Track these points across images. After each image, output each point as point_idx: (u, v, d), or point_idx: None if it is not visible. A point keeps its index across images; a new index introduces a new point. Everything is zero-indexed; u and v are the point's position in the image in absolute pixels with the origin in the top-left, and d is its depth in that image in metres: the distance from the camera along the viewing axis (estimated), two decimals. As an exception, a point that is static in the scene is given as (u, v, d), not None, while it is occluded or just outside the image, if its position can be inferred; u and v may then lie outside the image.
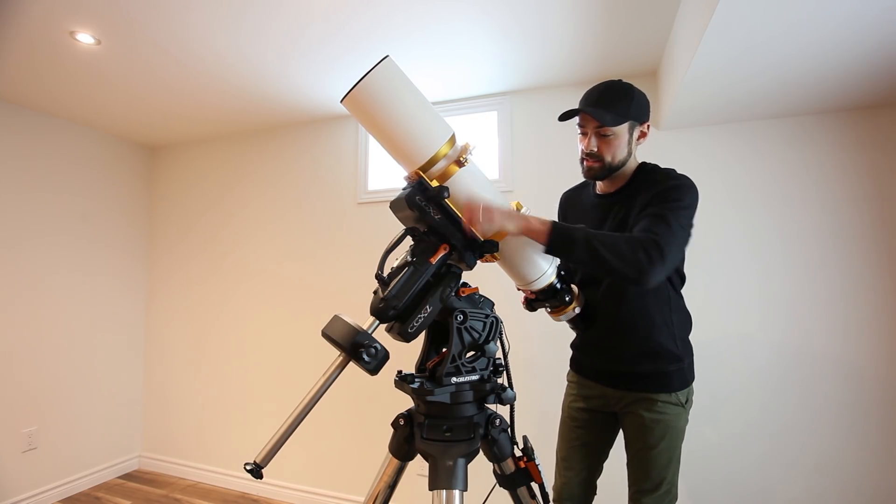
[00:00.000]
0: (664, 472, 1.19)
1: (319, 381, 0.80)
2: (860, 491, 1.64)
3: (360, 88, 0.85)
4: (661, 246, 0.96)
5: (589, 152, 1.17)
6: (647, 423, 1.17)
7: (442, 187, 0.90)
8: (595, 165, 1.18)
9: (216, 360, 2.72)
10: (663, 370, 1.18)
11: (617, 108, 1.13)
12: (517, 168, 2.14)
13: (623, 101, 1.14)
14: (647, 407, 1.17)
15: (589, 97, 1.18)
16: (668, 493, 1.22)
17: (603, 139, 1.15)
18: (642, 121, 1.18)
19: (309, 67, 1.94)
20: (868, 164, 1.70)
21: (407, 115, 0.89)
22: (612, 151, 1.15)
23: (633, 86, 1.17)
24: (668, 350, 1.18)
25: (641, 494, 1.23)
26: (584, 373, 1.33)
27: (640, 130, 1.19)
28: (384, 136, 0.91)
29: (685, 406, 1.20)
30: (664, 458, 1.18)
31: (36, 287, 2.39)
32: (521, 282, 1.13)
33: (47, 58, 1.87)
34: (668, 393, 1.17)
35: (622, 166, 1.18)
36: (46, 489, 2.38)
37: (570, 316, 1.21)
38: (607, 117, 1.11)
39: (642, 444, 1.20)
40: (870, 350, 1.66)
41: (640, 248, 0.96)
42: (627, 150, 1.17)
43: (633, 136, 1.17)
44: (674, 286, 1.22)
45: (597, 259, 0.95)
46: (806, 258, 1.74)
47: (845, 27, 1.21)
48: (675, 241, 1.01)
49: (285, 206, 2.61)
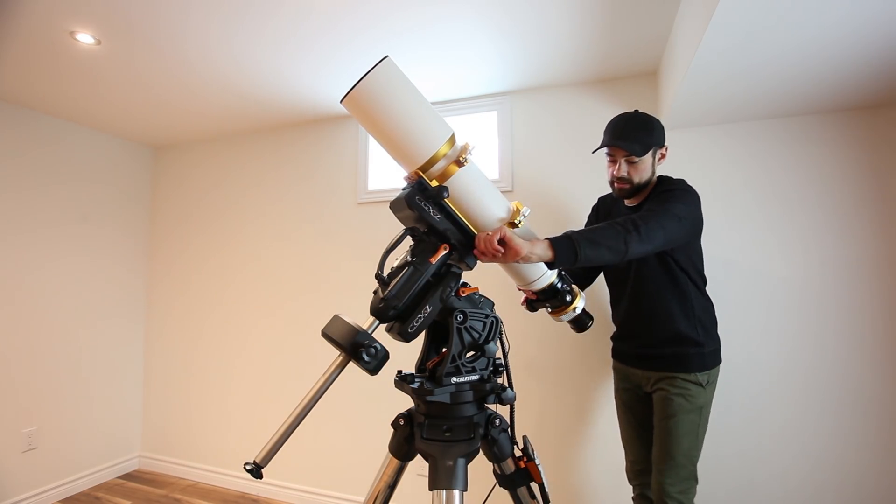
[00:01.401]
0: (681, 443, 1.33)
1: (319, 381, 0.80)
2: (859, 486, 1.64)
3: (359, 89, 0.85)
4: (637, 223, 1.10)
5: (620, 177, 1.36)
6: (668, 395, 1.35)
7: (441, 187, 0.90)
8: (625, 187, 1.38)
9: (216, 360, 2.72)
10: (683, 353, 1.37)
11: (642, 139, 1.33)
12: (517, 168, 2.14)
13: (646, 131, 1.34)
14: (669, 383, 1.36)
15: (615, 130, 1.36)
16: (685, 467, 1.33)
17: (631, 165, 1.35)
18: (661, 144, 1.39)
19: (308, 67, 1.94)
20: (868, 164, 1.70)
21: (406, 116, 0.90)
22: (640, 174, 1.36)
23: (650, 116, 1.38)
24: (688, 336, 1.36)
25: (659, 463, 1.36)
26: (622, 358, 1.55)
27: (660, 153, 1.40)
28: (384, 137, 0.92)
29: (705, 387, 1.36)
30: (681, 429, 1.33)
31: (36, 287, 2.39)
32: (522, 282, 1.17)
33: (47, 58, 1.87)
34: (688, 373, 1.35)
35: (647, 184, 1.39)
36: (46, 489, 2.38)
37: (570, 316, 1.26)
38: (636, 148, 1.32)
39: (662, 415, 1.37)
40: (870, 350, 1.66)
41: (624, 229, 1.09)
42: (651, 171, 1.38)
43: (654, 159, 1.38)
44: (695, 283, 1.41)
45: (600, 254, 1.06)
46: (806, 258, 1.74)
47: (846, 27, 1.21)
48: (653, 220, 1.13)
49: (285, 206, 2.61)
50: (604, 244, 1.04)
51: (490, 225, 0.98)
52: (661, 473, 1.34)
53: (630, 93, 1.97)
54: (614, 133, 1.36)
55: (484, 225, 0.98)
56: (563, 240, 1.02)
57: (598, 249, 1.03)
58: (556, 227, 2.02)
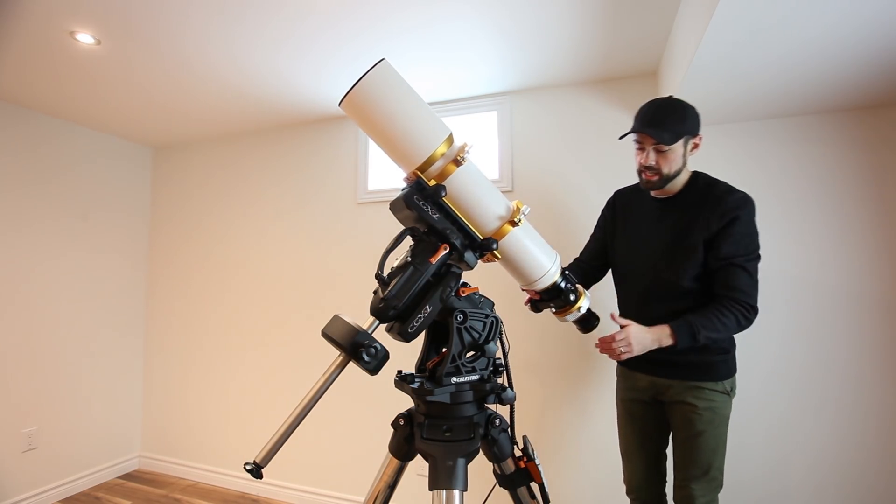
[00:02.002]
0: (711, 458, 1.27)
1: (319, 381, 0.80)
2: (857, 485, 1.64)
3: (355, 92, 0.86)
4: (751, 305, 1.21)
5: (648, 166, 1.28)
6: (696, 410, 1.27)
7: (439, 185, 0.90)
8: (653, 178, 1.29)
9: (216, 360, 2.72)
10: (710, 360, 1.29)
11: (673, 126, 1.24)
12: (517, 168, 2.14)
13: (677, 118, 1.25)
14: (694, 395, 1.27)
15: (645, 116, 1.27)
16: (715, 479, 1.29)
17: (660, 154, 1.26)
18: (695, 133, 1.29)
19: (308, 68, 1.94)
20: (868, 164, 1.70)
21: (403, 117, 0.90)
22: (669, 164, 1.27)
23: (684, 101, 1.28)
24: (716, 341, 1.26)
25: (689, 480, 1.29)
26: (633, 365, 1.41)
27: (693, 142, 1.30)
28: (382, 138, 0.92)
29: (730, 394, 1.30)
30: (711, 444, 1.26)
31: (36, 287, 2.39)
32: (524, 281, 1.11)
33: (47, 58, 1.87)
34: (715, 381, 1.27)
35: (677, 175, 1.30)
36: (46, 489, 2.38)
37: (575, 316, 1.19)
38: (665, 136, 1.22)
39: (690, 431, 1.28)
40: (869, 350, 1.66)
41: (741, 315, 1.20)
42: (682, 162, 1.29)
43: (686, 149, 1.29)
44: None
45: (717, 336, 1.20)
46: (806, 259, 1.74)
47: (846, 27, 1.21)
48: (755, 288, 1.22)
49: (285, 207, 2.61)
50: (722, 330, 1.19)
51: (489, 223, 0.97)
52: (689, 481, 1.28)
53: (630, 93, 1.97)
54: (643, 119, 1.27)
55: (483, 223, 0.97)
56: (684, 325, 1.18)
57: (717, 333, 1.19)
58: (556, 226, 2.02)
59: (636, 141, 1.29)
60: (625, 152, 1.96)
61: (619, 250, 1.47)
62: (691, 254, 1.26)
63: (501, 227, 0.98)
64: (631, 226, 1.45)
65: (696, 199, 1.30)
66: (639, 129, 1.25)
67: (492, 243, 0.96)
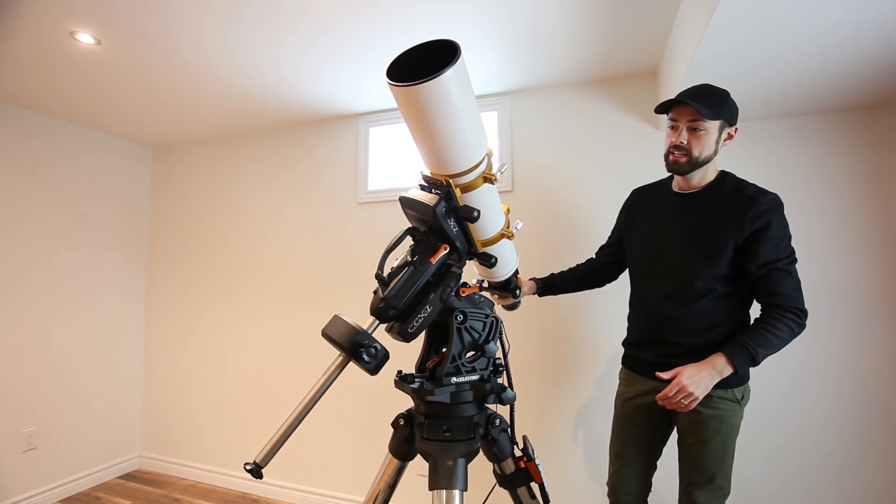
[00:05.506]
0: (718, 466, 1.22)
1: (319, 381, 0.80)
2: (857, 484, 1.64)
3: (434, 84, 0.72)
4: (800, 309, 1.16)
5: (678, 144, 1.22)
6: (704, 417, 1.21)
7: (470, 209, 0.88)
8: (682, 159, 1.23)
9: (216, 359, 2.72)
10: None
11: (713, 105, 1.18)
12: (517, 168, 2.14)
13: (717, 100, 1.20)
14: (703, 402, 1.18)
15: (685, 91, 1.22)
16: (721, 487, 1.24)
17: (693, 133, 1.20)
18: (732, 123, 1.23)
19: (308, 67, 1.94)
20: (868, 164, 1.70)
21: (460, 121, 0.80)
22: (701, 147, 1.20)
23: (726, 90, 1.23)
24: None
25: (694, 487, 1.25)
26: (638, 368, 1.36)
27: (728, 132, 1.24)
28: (426, 136, 0.82)
29: (741, 402, 1.24)
30: (718, 452, 1.22)
31: (35, 287, 2.39)
32: (490, 276, 1.23)
33: (47, 58, 1.87)
34: (725, 389, 1.20)
35: (706, 163, 1.24)
36: (46, 489, 2.38)
37: (512, 303, 1.43)
38: (704, 110, 1.16)
39: (697, 438, 1.23)
40: (868, 350, 1.66)
41: (793, 321, 1.15)
42: (714, 149, 1.22)
43: (720, 136, 1.22)
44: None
45: (775, 352, 1.16)
46: (805, 259, 1.73)
47: (846, 28, 1.21)
48: (800, 290, 1.17)
49: (286, 206, 2.61)
50: (778, 344, 1.14)
51: (489, 235, 1.01)
52: (693, 487, 1.25)
53: (630, 93, 1.97)
54: (684, 93, 1.21)
55: (485, 235, 1.01)
56: (739, 349, 1.13)
57: (774, 348, 1.14)
58: (556, 226, 2.02)
59: (670, 119, 1.24)
60: (625, 152, 1.96)
61: (636, 248, 1.42)
62: (715, 253, 1.20)
63: (498, 238, 1.03)
64: (649, 222, 1.39)
65: (722, 198, 1.23)
66: (679, 98, 1.20)
67: (490, 258, 1.02)
